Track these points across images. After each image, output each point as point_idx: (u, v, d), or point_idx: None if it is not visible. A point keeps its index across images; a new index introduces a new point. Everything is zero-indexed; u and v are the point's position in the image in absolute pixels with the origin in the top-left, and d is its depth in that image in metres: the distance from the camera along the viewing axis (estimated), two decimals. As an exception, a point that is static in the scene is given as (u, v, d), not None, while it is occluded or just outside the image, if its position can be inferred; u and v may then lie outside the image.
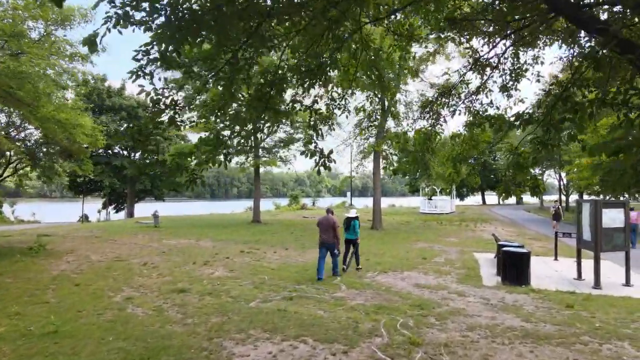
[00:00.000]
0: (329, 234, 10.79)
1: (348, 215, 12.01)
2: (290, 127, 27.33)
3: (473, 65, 5.92)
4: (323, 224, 10.93)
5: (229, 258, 13.37)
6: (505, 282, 10.31)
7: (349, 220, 11.86)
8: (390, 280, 10.65)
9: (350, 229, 11.79)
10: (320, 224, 11.03)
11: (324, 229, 10.85)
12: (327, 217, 11.06)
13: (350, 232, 11.79)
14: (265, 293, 9.06)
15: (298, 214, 36.09)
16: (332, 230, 10.78)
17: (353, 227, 11.76)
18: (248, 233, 20.58)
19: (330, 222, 10.87)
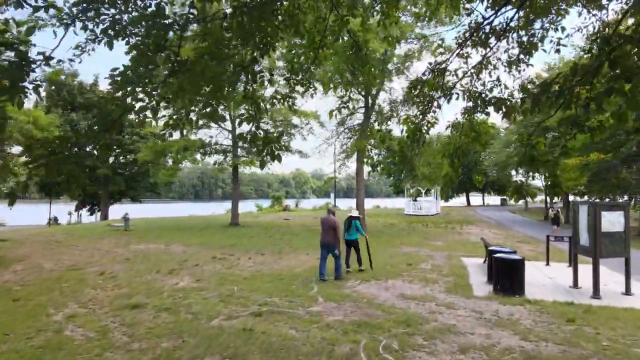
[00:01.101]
0: (329, 235, 10.53)
1: (350, 214, 11.59)
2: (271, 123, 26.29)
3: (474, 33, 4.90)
4: (324, 226, 10.67)
5: (198, 265, 12.26)
6: (498, 291, 9.43)
7: (350, 220, 11.45)
8: (373, 290, 9.69)
9: (352, 229, 11.39)
10: (321, 225, 10.78)
11: (325, 231, 10.61)
12: (328, 218, 10.75)
13: (352, 233, 11.39)
14: (232, 308, 8.00)
15: (279, 216, 35.04)
16: (332, 231, 10.50)
17: (355, 227, 11.37)
18: (224, 237, 19.45)
19: (331, 223, 10.58)
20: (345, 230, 11.45)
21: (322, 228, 10.77)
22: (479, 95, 4.78)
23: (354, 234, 11.46)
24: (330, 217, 10.81)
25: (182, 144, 22.24)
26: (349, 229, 11.40)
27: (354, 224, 11.44)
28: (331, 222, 10.64)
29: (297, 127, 26.12)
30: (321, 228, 10.80)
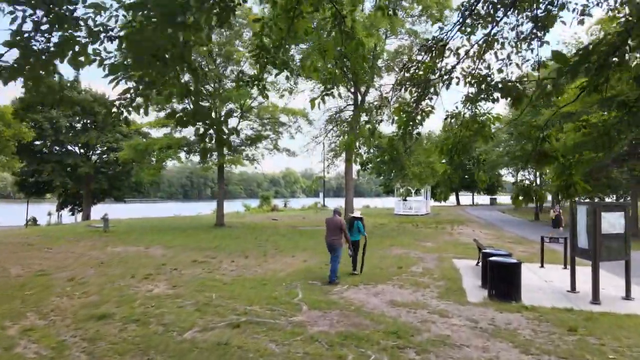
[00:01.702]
0: (335, 236, 10.35)
1: (352, 215, 11.43)
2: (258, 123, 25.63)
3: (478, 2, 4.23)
4: (329, 226, 10.47)
5: (176, 270, 11.57)
6: (493, 297, 8.91)
7: (352, 221, 11.28)
8: (362, 296, 9.11)
9: (354, 230, 11.15)
10: (326, 226, 10.59)
11: (330, 231, 10.42)
12: (333, 219, 10.52)
13: (354, 234, 11.11)
14: (208, 318, 7.35)
15: (267, 216, 34.36)
16: (339, 232, 10.36)
17: (357, 228, 11.17)
18: (207, 238, 18.74)
19: (337, 224, 10.40)
20: (348, 230, 11.09)
21: (327, 229, 10.53)
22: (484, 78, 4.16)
23: (357, 235, 11.21)
24: (336, 217, 10.58)
25: (164, 142, 21.46)
26: (351, 230, 11.12)
27: (356, 225, 11.21)
28: (337, 222, 10.43)
29: (285, 125, 25.47)
30: (326, 229, 10.56)
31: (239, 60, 23.13)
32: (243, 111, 24.26)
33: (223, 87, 23.08)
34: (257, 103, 24.85)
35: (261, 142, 26.19)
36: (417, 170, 20.83)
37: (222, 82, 23.71)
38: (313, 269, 11.85)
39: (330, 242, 10.40)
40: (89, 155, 35.96)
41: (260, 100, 24.74)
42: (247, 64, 23.65)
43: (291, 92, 23.19)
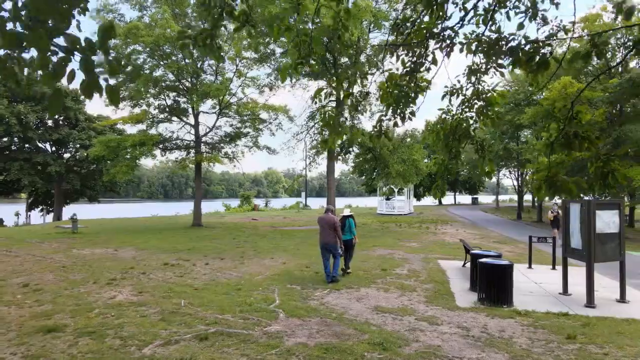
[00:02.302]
0: (329, 235, 10.08)
1: (343, 214, 11.11)
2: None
3: None
4: (323, 225, 10.20)
5: (144, 274, 10.72)
6: (484, 301, 8.37)
7: (343, 219, 10.93)
8: (344, 301, 8.45)
9: (346, 228, 10.84)
10: (320, 225, 10.31)
11: (324, 230, 10.16)
12: (327, 217, 10.27)
13: (346, 233, 10.80)
14: (173, 329, 6.59)
15: (247, 216, 33.52)
16: (333, 231, 10.09)
17: (349, 226, 10.89)
18: (183, 239, 17.86)
19: (331, 222, 10.13)
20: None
21: (320, 228, 10.25)
22: (496, 41, 3.49)
23: (348, 234, 10.90)
24: (329, 215, 10.33)
25: (137, 139, 20.43)
26: (343, 229, 10.74)
27: (347, 224, 10.91)
28: (330, 220, 10.16)
29: (266, 122, 24.66)
30: (320, 228, 10.27)
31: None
32: (222, 107, 23.38)
33: (201, 82, 22.17)
34: (237, 99, 24.02)
35: (241, 140, 25.34)
36: (401, 168, 20.30)
37: (199, 77, 22.78)
38: (293, 272, 11.16)
39: (326, 242, 10.09)
40: (61, 153, 34.43)
41: (240, 96, 23.94)
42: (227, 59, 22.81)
43: (271, 88, 22.44)
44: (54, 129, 32.64)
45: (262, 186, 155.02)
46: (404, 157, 20.57)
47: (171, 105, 23.89)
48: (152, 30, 19.10)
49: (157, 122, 23.80)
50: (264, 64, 21.64)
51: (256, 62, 21.82)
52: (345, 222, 10.93)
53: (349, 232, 10.92)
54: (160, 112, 24.03)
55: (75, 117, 32.83)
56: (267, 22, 15.83)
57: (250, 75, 23.40)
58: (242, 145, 25.45)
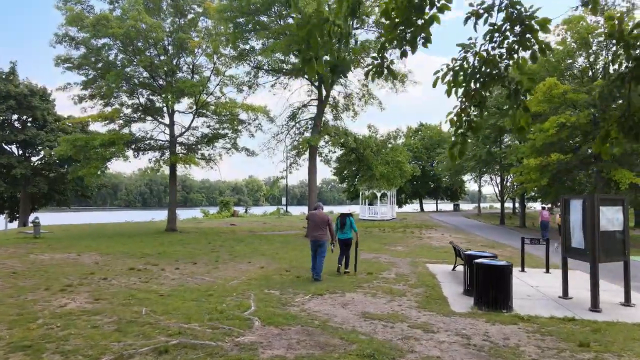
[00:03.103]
0: (321, 231, 9.92)
1: (342, 212, 10.95)
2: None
3: None
4: (314, 221, 10.02)
5: (105, 279, 9.65)
6: (482, 306, 7.60)
7: (343, 217, 10.70)
8: (327, 307, 7.57)
9: (346, 227, 10.62)
10: (311, 220, 10.17)
11: (314, 226, 9.97)
12: (319, 213, 10.14)
13: (346, 231, 10.62)
14: (128, 341, 5.60)
15: (226, 222, 32.33)
16: (325, 227, 9.96)
17: (349, 224, 10.63)
18: (154, 244, 16.71)
19: (323, 218, 10.02)
20: (339, 228, 10.65)
21: (311, 224, 10.11)
22: None
23: (349, 232, 10.65)
24: (321, 211, 10.24)
25: (107, 138, 19.18)
26: (343, 228, 10.60)
27: (348, 222, 10.65)
28: (323, 217, 10.04)
29: (245, 123, 23.69)
30: (310, 224, 10.16)
31: (193, 50, 21.25)
32: (198, 107, 22.33)
33: (176, 80, 21.11)
34: (214, 98, 23.03)
35: (218, 142, 24.30)
36: (385, 169, 19.59)
37: (175, 75, 21.73)
38: (271, 276, 10.23)
39: (316, 237, 9.86)
40: (28, 156, 32.60)
41: (218, 95, 22.95)
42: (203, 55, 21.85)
43: (250, 87, 21.53)
44: (20, 130, 30.90)
45: (243, 194, 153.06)
46: (388, 158, 19.88)
47: (145, 104, 22.75)
48: (123, 23, 18.02)
49: (130, 122, 22.60)
50: (243, 62, 20.74)
51: (235, 60, 20.89)
52: (346, 220, 10.66)
53: (349, 230, 10.65)
54: (134, 111, 22.86)
55: (44, 118, 31.18)
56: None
57: (228, 74, 22.49)
58: (220, 147, 24.43)
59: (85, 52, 20.23)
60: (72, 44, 19.91)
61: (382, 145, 20.86)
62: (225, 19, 17.80)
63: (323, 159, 22.09)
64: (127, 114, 22.76)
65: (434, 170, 54.99)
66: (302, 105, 21.27)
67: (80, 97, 21.35)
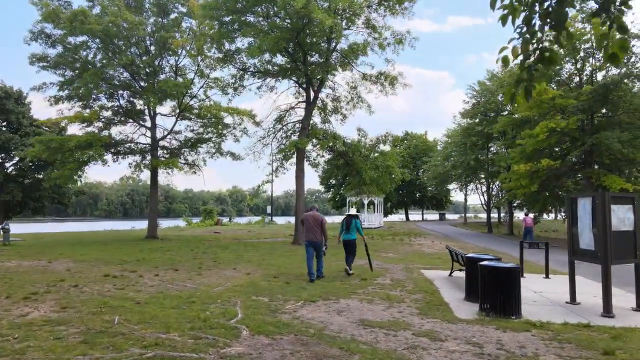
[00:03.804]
0: (316, 232, 9.93)
1: (348, 214, 10.89)
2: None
3: None
4: (309, 222, 9.98)
5: (76, 286, 8.81)
6: (488, 312, 7.02)
7: (349, 219, 10.68)
8: (321, 314, 6.90)
9: (351, 229, 10.62)
10: (305, 222, 10.09)
11: (310, 227, 9.96)
12: (313, 214, 10.11)
13: (352, 233, 10.64)
14: (95, 354, 4.85)
15: (209, 230, 31.38)
16: (319, 228, 9.95)
17: (354, 225, 10.64)
18: (132, 251, 15.79)
19: (318, 219, 10.02)
20: (344, 230, 10.67)
21: (306, 225, 10.04)
22: None
23: (354, 233, 10.69)
24: (315, 212, 10.22)
25: (83, 139, 18.21)
26: (349, 229, 10.60)
27: (354, 224, 10.65)
28: (318, 218, 10.05)
29: (229, 127, 22.95)
30: (305, 225, 10.08)
31: (176, 51, 20.54)
32: (182, 110, 21.55)
33: (158, 82, 20.33)
34: (198, 101, 22.30)
35: (202, 147, 23.49)
36: (375, 174, 19.06)
37: (157, 76, 20.95)
38: (259, 283, 9.50)
39: (311, 238, 9.91)
40: (1, 161, 31.04)
41: (202, 97, 22.23)
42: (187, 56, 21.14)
43: (236, 89, 20.85)
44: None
45: (227, 205, 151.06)
46: (378, 162, 19.38)
47: (125, 106, 21.87)
48: (101, 19, 17.23)
49: (110, 124, 21.67)
50: (228, 64, 20.07)
51: (219, 62, 20.21)
52: (352, 221, 10.62)
53: (354, 232, 10.66)
54: (114, 114, 21.95)
55: (18, 121, 29.89)
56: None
57: (213, 76, 21.79)
58: (204, 152, 23.61)
59: (61, 51, 19.34)
60: (48, 41, 19.01)
61: (371, 150, 20.37)
62: (211, 16, 17.19)
63: (311, 163, 21.49)
64: (107, 116, 21.84)
65: (419, 180, 54.83)
66: (290, 107, 20.69)
67: (56, 99, 20.37)
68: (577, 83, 23.98)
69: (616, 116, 22.40)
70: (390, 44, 18.70)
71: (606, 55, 2.68)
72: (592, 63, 23.44)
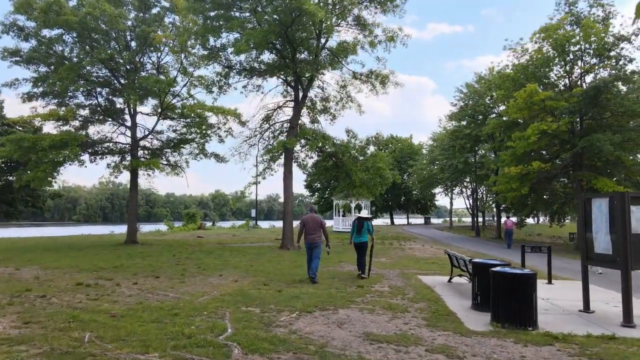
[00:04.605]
0: (316, 233, 10.17)
1: (360, 216, 10.90)
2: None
3: None
4: (309, 224, 10.26)
5: (44, 297, 7.92)
6: (503, 323, 6.41)
7: (361, 222, 10.71)
8: (321, 327, 6.20)
9: (363, 231, 10.63)
10: (306, 224, 10.33)
11: (311, 229, 10.21)
12: (313, 216, 10.42)
13: (363, 235, 10.65)
14: (58, 382, 4.05)
15: (192, 234, 30.32)
16: (320, 230, 10.22)
17: (366, 228, 10.64)
18: (110, 257, 14.82)
19: (317, 221, 10.33)
20: (356, 231, 10.72)
21: (306, 227, 10.27)
22: None
23: (366, 236, 10.66)
24: (314, 215, 10.51)
25: (58, 138, 17.10)
26: (360, 231, 10.63)
27: (366, 226, 10.66)
28: (317, 220, 10.36)
29: (214, 127, 22.09)
30: (305, 228, 10.30)
31: (158, 46, 19.64)
32: (164, 108, 20.61)
33: (139, 78, 19.38)
34: (182, 100, 21.40)
35: (185, 147, 22.55)
36: (365, 176, 18.44)
37: (137, 73, 19.98)
38: (248, 291, 8.74)
39: (312, 240, 10.10)
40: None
41: (185, 96, 21.34)
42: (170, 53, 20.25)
43: (221, 87, 20.02)
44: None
45: (209, 209, 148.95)
46: (368, 164, 18.77)
47: (104, 105, 20.83)
48: (78, 10, 16.25)
49: (87, 123, 20.60)
50: (213, 62, 19.25)
51: (204, 59, 19.37)
52: (364, 223, 10.65)
53: (365, 234, 10.63)
54: (92, 112, 20.88)
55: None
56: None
57: (198, 74, 20.93)
58: (187, 153, 22.67)
59: (35, 45, 18.26)
60: (21, 34, 17.90)
61: (361, 151, 19.77)
62: (195, 9, 16.38)
63: (299, 164, 20.76)
64: (85, 115, 20.76)
65: (405, 183, 54.54)
66: (277, 106, 19.95)
67: (29, 96, 19.23)
68: (566, 85, 23.88)
69: (605, 119, 22.32)
70: (381, 41, 18.16)
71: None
72: (580, 65, 23.36)
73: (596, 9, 22.58)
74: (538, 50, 23.59)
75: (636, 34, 21.07)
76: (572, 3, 23.38)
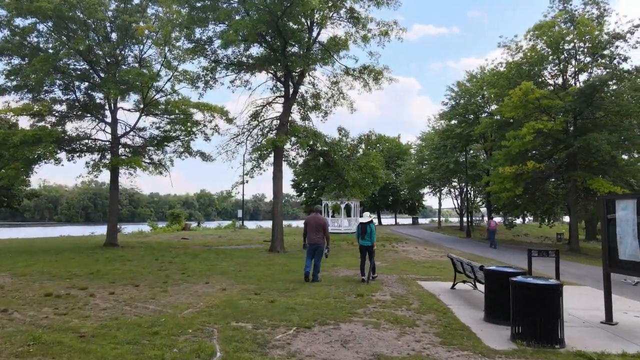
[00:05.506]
0: (319, 234, 10.24)
1: (362, 221, 10.87)
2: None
3: None
4: (312, 224, 10.32)
5: (5, 312, 6.98)
6: (528, 340, 5.71)
7: (364, 225, 10.65)
8: (323, 347, 5.43)
9: (367, 234, 10.60)
10: (308, 224, 10.42)
11: (313, 230, 10.27)
12: (316, 217, 10.49)
13: (367, 239, 10.61)
14: None
15: (177, 235, 29.26)
16: (322, 231, 10.27)
17: (370, 232, 10.61)
18: (87, 261, 13.82)
19: (320, 222, 10.37)
20: (360, 236, 10.67)
21: (309, 228, 10.33)
22: None
23: (368, 240, 10.61)
24: (319, 215, 10.60)
25: (30, 133, 15.98)
26: (364, 235, 10.57)
27: (369, 229, 10.59)
28: (321, 221, 10.42)
29: (200, 125, 21.14)
30: (307, 228, 10.37)
31: (140, 38, 18.63)
32: (146, 104, 19.60)
33: (119, 72, 18.36)
34: (165, 95, 20.41)
35: (169, 145, 21.55)
36: (358, 175, 17.72)
37: (118, 66, 18.94)
38: (238, 302, 7.90)
39: (315, 241, 10.18)
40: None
41: (169, 91, 20.36)
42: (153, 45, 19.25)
43: (207, 82, 19.10)
44: None
45: (194, 209, 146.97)
46: (361, 163, 18.06)
47: (83, 100, 19.73)
48: (54, -2, 15.21)
49: (64, 119, 19.48)
50: (199, 55, 18.32)
51: (189, 53, 18.44)
52: (367, 228, 10.53)
53: (369, 238, 10.54)
54: (70, 108, 19.76)
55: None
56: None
57: (182, 68, 19.98)
58: (172, 151, 21.67)
59: (8, 35, 17.11)
60: (-9, 24, 16.76)
61: (353, 150, 19.04)
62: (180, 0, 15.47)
63: (289, 162, 19.96)
64: (62, 110, 19.62)
65: (393, 183, 54.11)
66: (267, 102, 19.10)
67: (1, 89, 18.07)
68: (559, 84, 23.52)
69: (599, 118, 22.00)
70: (375, 35, 17.44)
71: None
72: (574, 64, 23.03)
73: (591, 6, 22.26)
74: (532, 48, 23.19)
75: (632, 31, 20.76)
76: (567, 0, 23.04)
